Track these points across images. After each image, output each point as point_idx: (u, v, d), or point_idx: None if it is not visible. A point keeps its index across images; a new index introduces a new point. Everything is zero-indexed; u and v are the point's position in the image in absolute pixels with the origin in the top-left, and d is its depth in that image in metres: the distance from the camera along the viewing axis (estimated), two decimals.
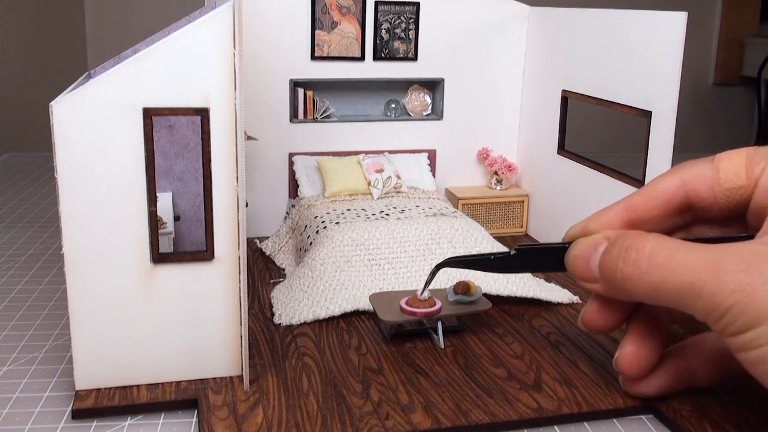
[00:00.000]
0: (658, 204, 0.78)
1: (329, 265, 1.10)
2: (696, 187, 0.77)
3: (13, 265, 1.24)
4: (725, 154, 0.76)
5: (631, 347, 0.80)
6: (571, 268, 0.77)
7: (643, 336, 0.80)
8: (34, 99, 2.17)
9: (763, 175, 0.73)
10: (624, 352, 0.80)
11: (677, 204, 0.78)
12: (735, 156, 0.75)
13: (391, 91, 1.47)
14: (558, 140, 1.35)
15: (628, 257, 0.70)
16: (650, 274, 0.69)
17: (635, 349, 0.80)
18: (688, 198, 0.78)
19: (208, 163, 0.81)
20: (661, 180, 0.79)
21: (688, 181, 0.77)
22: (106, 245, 0.80)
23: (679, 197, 0.78)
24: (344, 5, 1.35)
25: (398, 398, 0.83)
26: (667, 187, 0.78)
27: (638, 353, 0.80)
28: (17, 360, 0.93)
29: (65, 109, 0.76)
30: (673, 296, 0.68)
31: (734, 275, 0.64)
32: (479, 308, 0.98)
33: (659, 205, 0.78)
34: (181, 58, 0.78)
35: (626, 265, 0.70)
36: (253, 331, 0.99)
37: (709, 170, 0.76)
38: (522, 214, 1.46)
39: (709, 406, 0.82)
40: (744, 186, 0.74)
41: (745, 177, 0.74)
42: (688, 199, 0.78)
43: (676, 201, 0.78)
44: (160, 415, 0.82)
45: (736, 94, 3.19)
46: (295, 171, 1.38)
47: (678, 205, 0.78)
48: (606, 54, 1.21)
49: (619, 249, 0.71)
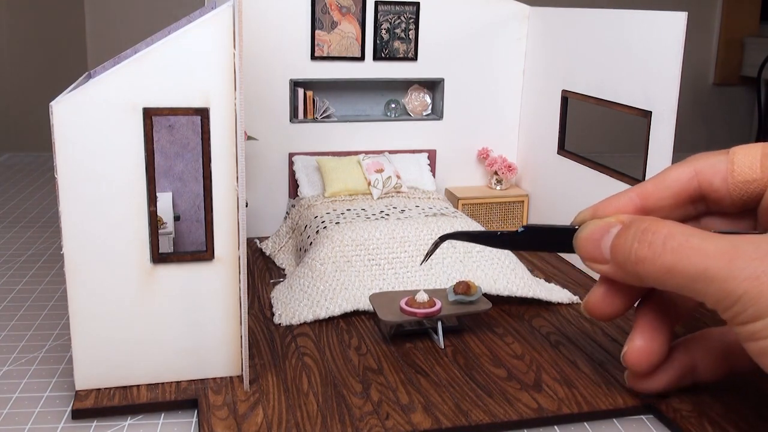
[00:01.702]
0: (671, 193, 0.78)
1: (329, 265, 1.10)
2: (709, 177, 0.77)
3: (13, 265, 1.24)
4: (741, 147, 0.76)
5: (640, 342, 0.79)
6: (581, 248, 0.77)
7: (652, 331, 0.79)
8: (34, 99, 2.17)
9: None
10: (633, 347, 0.79)
11: (690, 194, 0.78)
12: (750, 149, 0.75)
13: (391, 91, 1.47)
14: (558, 140, 1.35)
15: (644, 239, 0.70)
16: (664, 257, 0.68)
17: (645, 343, 0.79)
18: (701, 188, 0.77)
19: (208, 163, 0.81)
20: (674, 169, 0.79)
21: (701, 171, 0.77)
22: (106, 245, 0.80)
23: (692, 187, 0.78)
24: (344, 5, 1.35)
25: (398, 398, 0.83)
26: (680, 176, 0.78)
27: (648, 348, 0.79)
28: (17, 360, 0.93)
29: (65, 109, 0.76)
30: (686, 281, 0.67)
31: (748, 263, 0.63)
32: (479, 308, 0.98)
33: (672, 194, 0.78)
34: (181, 58, 0.78)
35: (642, 246, 0.70)
36: (253, 331, 0.99)
37: (724, 162, 0.76)
38: (522, 214, 1.46)
39: (709, 405, 0.82)
40: (758, 180, 0.74)
41: (760, 171, 0.74)
42: (701, 190, 0.77)
43: (689, 191, 0.78)
44: (160, 415, 0.82)
45: (736, 94, 3.19)
46: (295, 171, 1.38)
47: (690, 195, 0.78)
48: (606, 54, 1.21)
49: (635, 231, 0.71)
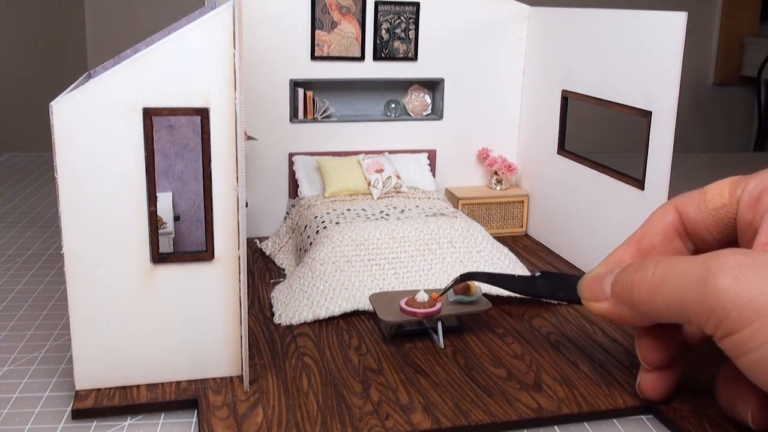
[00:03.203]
0: (659, 230, 0.83)
1: (329, 265, 1.10)
2: (686, 209, 0.82)
3: (13, 265, 1.24)
4: (715, 182, 0.82)
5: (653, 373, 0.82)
6: (585, 289, 0.81)
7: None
8: (34, 99, 2.17)
9: (743, 193, 0.77)
10: (645, 378, 0.82)
11: (674, 228, 0.83)
12: (721, 181, 0.81)
13: (391, 91, 1.47)
14: (558, 140, 1.35)
15: (640, 266, 0.74)
16: (654, 275, 0.71)
17: (657, 373, 0.82)
18: (682, 221, 0.82)
19: (208, 163, 0.81)
20: (658, 210, 0.85)
21: (679, 205, 0.83)
22: (106, 245, 0.80)
23: (675, 222, 0.83)
24: (344, 5, 1.35)
25: (398, 398, 0.83)
26: (664, 214, 0.83)
27: (660, 377, 0.82)
28: (17, 360, 0.93)
29: (65, 109, 0.76)
30: (671, 299, 0.69)
31: (727, 270, 0.64)
32: (479, 308, 0.98)
33: (659, 230, 0.83)
34: (181, 58, 0.78)
35: (637, 272, 0.73)
36: (253, 331, 0.99)
37: (698, 194, 0.82)
38: (522, 214, 1.46)
39: (709, 405, 0.82)
40: (727, 204, 0.78)
41: (728, 196, 0.79)
42: (682, 222, 0.82)
43: (673, 226, 0.83)
44: (160, 415, 0.82)
45: (736, 94, 3.20)
46: (295, 171, 1.38)
47: (675, 228, 0.83)
48: (606, 54, 1.21)
49: (635, 264, 0.75)
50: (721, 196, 0.79)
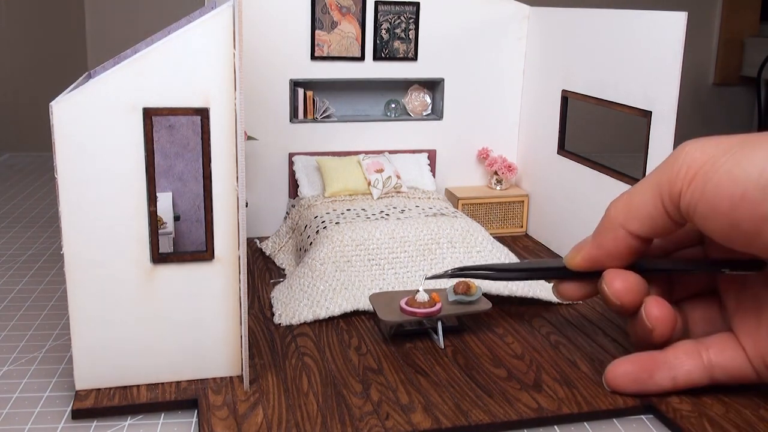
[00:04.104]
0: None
1: (329, 265, 1.10)
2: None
3: (13, 265, 1.24)
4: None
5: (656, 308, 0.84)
6: (570, 252, 0.89)
7: None
8: (34, 99, 2.16)
9: None
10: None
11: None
12: None
13: (391, 91, 1.47)
14: (558, 140, 1.35)
15: None
16: (634, 190, 0.81)
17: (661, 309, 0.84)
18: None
19: (208, 163, 0.81)
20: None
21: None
22: (106, 245, 0.80)
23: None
24: (344, 5, 1.35)
25: (398, 398, 0.83)
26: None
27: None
28: (17, 360, 0.93)
29: (65, 109, 0.76)
30: (650, 180, 0.79)
31: (694, 140, 0.76)
32: (479, 308, 0.98)
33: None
34: (181, 58, 0.78)
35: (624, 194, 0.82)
36: (253, 331, 0.99)
37: None
38: (522, 214, 1.46)
39: (709, 405, 0.82)
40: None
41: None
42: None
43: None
44: (160, 415, 0.82)
45: (736, 94, 3.19)
46: (295, 171, 1.38)
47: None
48: (606, 54, 1.21)
49: None
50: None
